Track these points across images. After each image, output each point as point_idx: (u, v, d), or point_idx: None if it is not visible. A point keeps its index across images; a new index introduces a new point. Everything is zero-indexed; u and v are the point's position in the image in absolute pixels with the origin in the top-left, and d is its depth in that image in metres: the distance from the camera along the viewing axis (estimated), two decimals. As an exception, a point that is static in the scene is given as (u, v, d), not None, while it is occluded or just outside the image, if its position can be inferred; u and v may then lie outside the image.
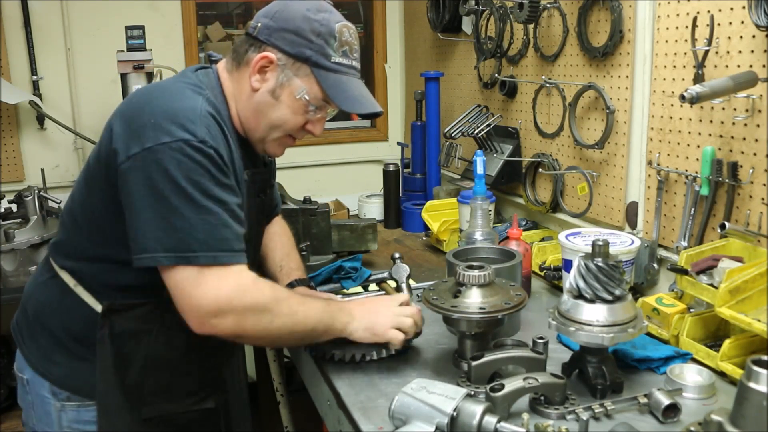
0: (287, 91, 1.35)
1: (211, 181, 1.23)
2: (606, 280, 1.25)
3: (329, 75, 1.35)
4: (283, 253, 1.77)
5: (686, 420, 1.20)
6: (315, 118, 1.41)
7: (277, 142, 1.44)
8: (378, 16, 3.56)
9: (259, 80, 1.35)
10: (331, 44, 1.34)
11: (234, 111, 1.41)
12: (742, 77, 1.43)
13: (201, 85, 1.36)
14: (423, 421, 1.09)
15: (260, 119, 1.39)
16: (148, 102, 1.28)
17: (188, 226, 1.20)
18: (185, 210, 1.20)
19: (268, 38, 1.34)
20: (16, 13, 2.91)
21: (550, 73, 2.20)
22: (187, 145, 1.20)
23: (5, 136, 2.95)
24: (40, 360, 1.40)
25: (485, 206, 1.78)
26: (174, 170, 1.20)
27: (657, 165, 1.76)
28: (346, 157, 3.59)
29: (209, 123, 1.26)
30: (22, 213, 2.52)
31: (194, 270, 1.21)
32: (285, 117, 1.38)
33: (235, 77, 1.40)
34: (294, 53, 1.33)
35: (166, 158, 1.20)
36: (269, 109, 1.37)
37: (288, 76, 1.35)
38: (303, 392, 1.74)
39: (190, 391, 1.45)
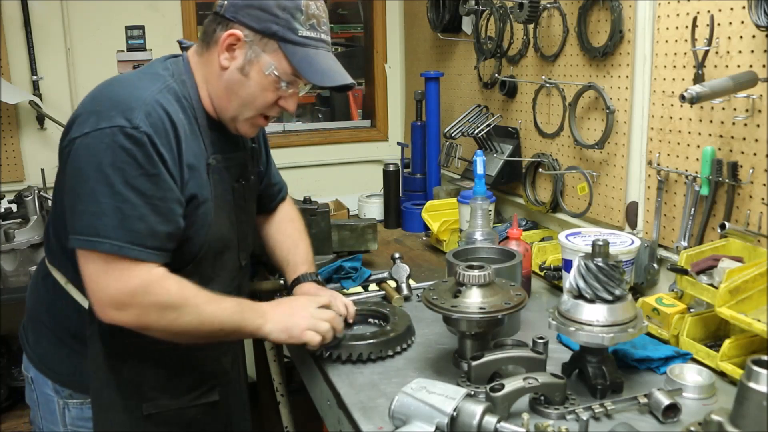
0: (256, 67, 1.34)
1: (136, 169, 1.21)
2: (606, 280, 1.25)
3: (297, 49, 1.33)
4: (290, 245, 1.74)
5: (686, 420, 1.20)
6: (287, 94, 1.39)
7: (249, 121, 1.42)
8: (378, 16, 3.56)
9: (227, 58, 1.34)
10: (297, 18, 1.32)
11: (205, 94, 1.40)
12: (742, 77, 1.43)
13: (164, 74, 1.35)
14: (423, 421, 1.09)
15: (231, 97, 1.37)
16: (102, 91, 1.30)
17: (100, 212, 1.19)
18: (101, 195, 1.20)
19: (234, 15, 1.33)
20: (16, 13, 2.91)
21: (550, 73, 2.20)
22: (120, 132, 1.20)
23: (5, 136, 2.95)
24: (43, 358, 1.41)
25: (485, 206, 1.78)
26: (99, 155, 1.20)
27: (657, 165, 1.76)
28: (346, 157, 3.59)
29: (151, 111, 1.25)
30: (22, 213, 2.52)
31: (101, 258, 1.21)
32: (255, 94, 1.36)
33: (205, 59, 1.39)
34: (260, 29, 1.32)
35: (97, 143, 1.20)
36: (239, 87, 1.36)
37: (256, 52, 1.33)
38: (303, 392, 1.74)
39: (192, 384, 1.45)
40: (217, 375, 1.52)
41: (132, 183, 1.21)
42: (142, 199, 1.22)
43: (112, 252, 1.20)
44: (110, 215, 1.20)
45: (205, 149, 1.38)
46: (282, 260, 1.73)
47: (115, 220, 1.20)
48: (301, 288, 1.65)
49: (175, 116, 1.29)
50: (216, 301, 1.31)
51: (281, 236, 1.76)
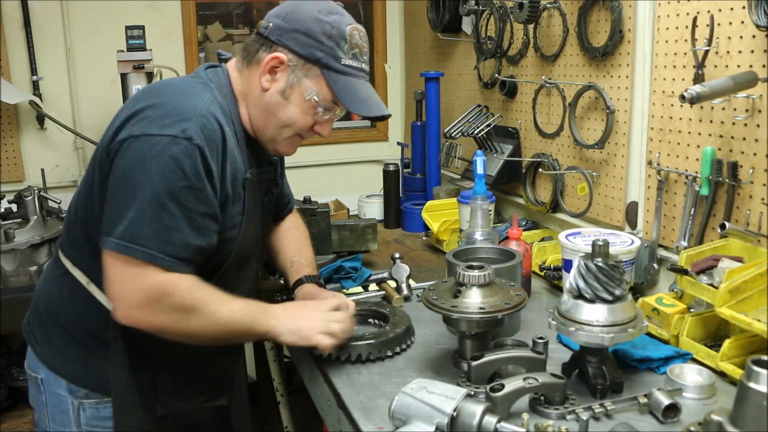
0: (297, 91, 1.36)
1: (181, 181, 1.22)
2: (606, 280, 1.25)
3: (339, 77, 1.36)
4: (295, 249, 1.76)
5: (686, 420, 1.20)
6: (323, 119, 1.41)
7: (288, 141, 1.44)
8: (378, 16, 3.56)
9: (269, 80, 1.36)
10: (341, 46, 1.35)
11: (243, 110, 1.41)
12: (742, 77, 1.43)
13: (210, 84, 1.36)
14: (423, 421, 1.09)
15: (270, 119, 1.39)
16: (155, 96, 1.30)
17: (140, 219, 1.20)
18: (144, 203, 1.20)
19: (279, 39, 1.34)
20: (16, 13, 2.91)
21: (550, 73, 2.20)
22: (172, 141, 1.21)
23: (5, 136, 2.95)
24: (56, 358, 1.40)
25: (485, 206, 1.78)
26: (148, 162, 1.20)
27: (657, 165, 1.76)
28: (346, 157, 3.59)
29: (205, 122, 1.26)
30: (22, 213, 2.52)
31: (130, 262, 1.21)
32: (294, 117, 1.38)
33: (245, 76, 1.40)
34: (305, 54, 1.34)
35: (146, 149, 1.21)
36: (279, 109, 1.37)
37: (298, 77, 1.35)
38: (303, 392, 1.74)
39: (202, 389, 1.46)
40: (224, 381, 1.54)
41: (176, 194, 1.22)
42: (183, 212, 1.23)
43: (145, 260, 1.21)
44: (150, 224, 1.20)
45: (244, 163, 1.39)
46: (286, 261, 1.74)
47: (153, 230, 1.20)
48: (303, 289, 1.66)
49: (225, 128, 1.31)
50: (229, 302, 1.32)
51: (287, 241, 1.78)
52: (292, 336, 1.37)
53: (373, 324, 1.65)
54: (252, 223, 1.44)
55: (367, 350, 1.46)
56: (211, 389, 1.49)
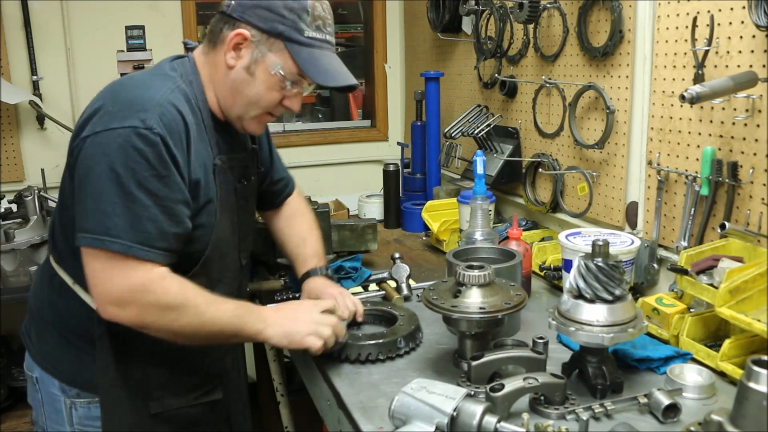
0: (262, 67, 1.35)
1: (147, 170, 1.22)
2: (606, 280, 1.25)
3: (303, 49, 1.35)
4: (298, 240, 1.74)
5: (686, 420, 1.20)
6: (291, 94, 1.40)
7: (256, 119, 1.43)
8: (378, 16, 3.56)
9: (234, 57, 1.36)
10: (304, 19, 1.34)
11: (211, 94, 1.41)
12: (742, 77, 1.43)
13: (173, 74, 1.36)
14: (423, 421, 1.09)
15: (236, 96, 1.38)
16: (114, 92, 1.30)
17: (111, 211, 1.20)
18: (113, 195, 1.20)
19: (241, 15, 1.34)
20: (16, 13, 2.91)
21: (550, 73, 2.20)
22: (133, 132, 1.21)
23: (5, 136, 2.95)
24: (48, 357, 1.41)
25: (485, 206, 1.78)
26: (112, 155, 1.20)
27: (657, 165, 1.76)
28: (346, 157, 3.59)
29: (164, 111, 1.26)
30: (22, 213, 2.52)
31: (107, 256, 1.21)
32: (260, 93, 1.38)
33: (211, 59, 1.40)
34: (267, 29, 1.33)
35: (109, 143, 1.21)
36: (245, 86, 1.37)
37: (262, 52, 1.35)
38: (303, 392, 1.74)
39: (196, 384, 1.46)
40: (219, 375, 1.53)
41: (143, 184, 1.21)
42: (153, 200, 1.22)
43: (121, 251, 1.20)
44: (121, 215, 1.20)
45: (211, 150, 1.39)
46: (292, 254, 1.73)
47: (126, 221, 1.20)
48: (310, 283, 1.65)
49: (187, 117, 1.30)
50: (217, 303, 1.31)
51: (290, 230, 1.76)
52: (283, 339, 1.37)
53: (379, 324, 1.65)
54: (225, 210, 1.42)
55: (366, 350, 1.46)
56: (206, 383, 1.48)
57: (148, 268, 1.24)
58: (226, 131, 1.45)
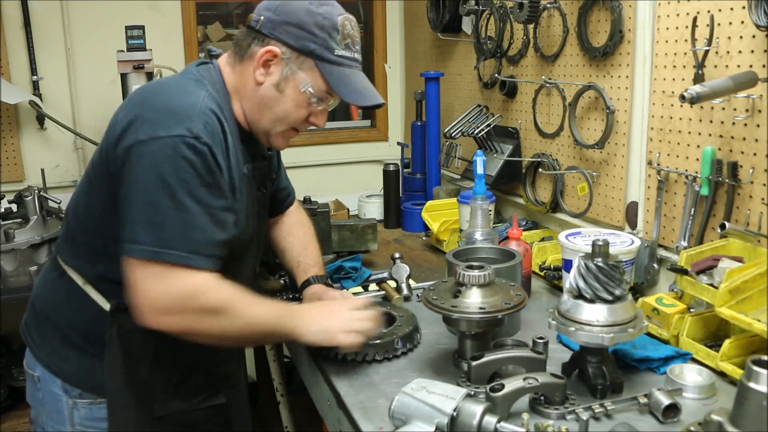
0: (292, 84, 1.36)
1: (196, 179, 1.23)
2: (606, 280, 1.25)
3: (333, 68, 1.36)
4: (300, 248, 1.76)
5: (686, 420, 1.20)
6: (317, 110, 1.42)
7: (282, 134, 1.44)
8: (378, 16, 3.56)
9: (263, 74, 1.36)
10: (334, 37, 1.35)
11: (237, 105, 1.41)
12: (742, 77, 1.43)
13: (203, 81, 1.36)
14: (423, 421, 1.09)
15: (264, 112, 1.39)
16: (151, 97, 1.30)
17: (164, 223, 1.21)
18: (165, 206, 1.21)
19: (271, 32, 1.35)
20: (16, 13, 2.91)
21: (550, 73, 2.20)
22: (181, 142, 1.21)
23: (5, 136, 2.95)
24: (51, 357, 1.41)
25: (485, 206, 1.78)
26: (162, 165, 1.20)
27: (657, 165, 1.76)
28: (346, 157, 3.59)
29: (208, 120, 1.27)
30: (22, 213, 2.52)
31: (160, 267, 1.21)
32: (289, 110, 1.39)
33: (237, 71, 1.40)
34: (298, 47, 1.34)
35: (157, 152, 1.21)
36: (274, 103, 1.38)
37: (292, 69, 1.35)
38: (303, 392, 1.74)
39: (200, 387, 1.46)
40: (224, 378, 1.53)
41: (193, 193, 1.22)
42: (203, 209, 1.24)
43: (177, 263, 1.21)
44: (175, 226, 1.21)
45: (241, 158, 1.40)
46: (292, 262, 1.74)
47: (179, 232, 1.21)
48: (312, 289, 1.66)
49: (225, 125, 1.31)
50: (255, 302, 1.33)
51: (292, 239, 1.77)
52: (318, 336, 1.37)
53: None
54: (248, 219, 1.44)
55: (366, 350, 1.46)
56: (210, 387, 1.48)
57: (201, 276, 1.25)
58: (250, 140, 1.46)
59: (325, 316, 1.40)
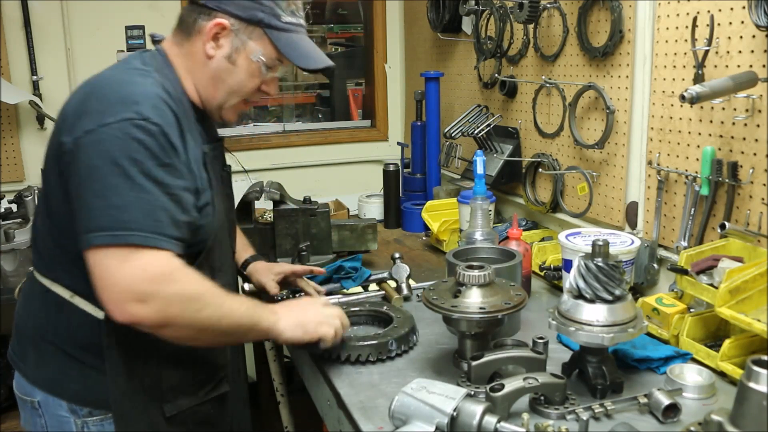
0: (243, 55, 1.36)
1: (151, 159, 1.19)
2: (606, 280, 1.25)
3: (281, 35, 1.37)
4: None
5: (686, 420, 1.20)
6: (268, 79, 1.42)
7: (234, 108, 1.44)
8: (378, 16, 3.56)
9: (213, 47, 1.35)
10: (280, 5, 1.36)
11: (189, 84, 1.40)
12: (742, 77, 1.43)
13: (148, 69, 1.33)
14: (423, 421, 1.09)
15: (218, 86, 1.38)
16: (97, 90, 1.26)
17: (123, 205, 1.16)
18: (122, 189, 1.16)
19: (218, 5, 1.34)
20: (16, 13, 2.91)
21: (550, 73, 2.20)
22: (131, 124, 1.18)
23: (5, 136, 2.95)
24: (53, 380, 1.35)
25: (485, 206, 1.78)
26: (113, 149, 1.17)
27: (657, 165, 1.76)
28: (346, 157, 3.58)
29: (155, 103, 1.24)
30: (22, 213, 2.52)
31: (124, 250, 1.16)
32: (243, 81, 1.38)
33: (186, 49, 1.38)
34: (246, 17, 1.34)
35: (107, 138, 1.18)
36: (227, 75, 1.37)
37: (242, 40, 1.35)
38: (303, 392, 1.74)
39: (205, 379, 1.45)
40: (224, 366, 1.51)
41: (149, 173, 1.19)
42: (162, 189, 1.20)
43: (140, 243, 1.16)
44: (135, 206, 1.17)
45: (199, 139, 1.38)
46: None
47: (140, 212, 1.17)
48: (256, 265, 1.73)
49: (174, 108, 1.29)
50: (231, 296, 1.31)
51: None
52: (297, 330, 1.37)
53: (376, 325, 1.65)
54: (218, 198, 1.42)
55: (367, 351, 1.46)
56: (213, 377, 1.47)
57: (167, 258, 1.20)
58: (206, 121, 1.45)
59: (301, 311, 1.41)
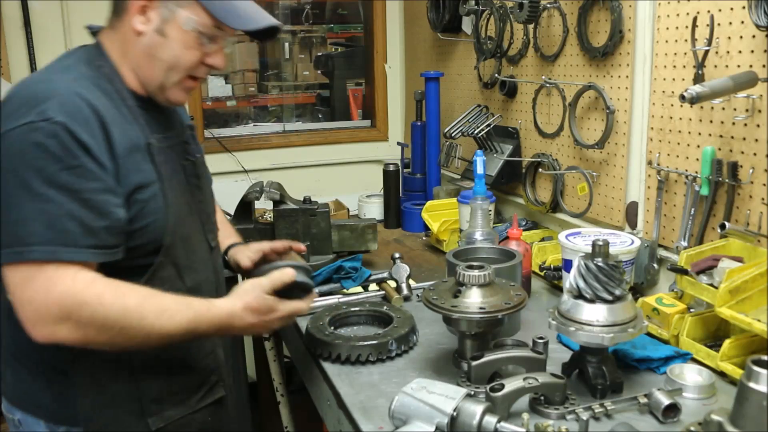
0: (174, 25, 1.25)
1: (55, 164, 1.10)
2: (606, 280, 1.25)
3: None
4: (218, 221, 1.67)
5: (686, 420, 1.20)
6: (212, 50, 1.31)
7: (178, 86, 1.32)
8: (378, 16, 3.56)
9: (142, 22, 1.26)
10: None
11: (127, 71, 1.30)
12: (742, 77, 1.43)
13: (77, 64, 1.26)
14: (423, 421, 1.09)
15: (154, 63, 1.28)
16: (12, 94, 1.20)
17: (22, 219, 1.09)
18: (22, 201, 1.09)
19: None
20: (16, 13, 2.91)
21: (550, 73, 2.20)
22: (29, 129, 1.11)
23: (5, 136, 2.95)
24: (27, 397, 1.29)
25: (485, 206, 1.78)
26: (11, 159, 1.10)
27: (657, 165, 1.76)
28: (346, 157, 3.58)
29: (65, 99, 1.15)
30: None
31: (28, 268, 1.09)
32: (178, 54, 1.27)
33: (119, 33, 1.30)
34: None
35: (7, 146, 1.11)
36: (160, 50, 1.27)
37: (171, 9, 1.25)
38: (303, 392, 1.74)
39: (194, 386, 1.37)
40: (216, 369, 1.44)
41: (53, 180, 1.10)
42: (68, 195, 1.11)
43: (43, 259, 1.09)
44: (35, 219, 1.09)
45: (142, 131, 1.27)
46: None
47: (40, 225, 1.09)
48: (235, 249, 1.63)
49: (96, 102, 1.18)
50: (166, 312, 1.19)
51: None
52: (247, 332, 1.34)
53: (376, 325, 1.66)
54: (176, 191, 1.32)
55: (366, 351, 1.46)
56: (204, 382, 1.39)
57: (74, 272, 1.12)
58: (156, 110, 1.35)
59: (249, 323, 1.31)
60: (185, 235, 1.34)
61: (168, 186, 1.29)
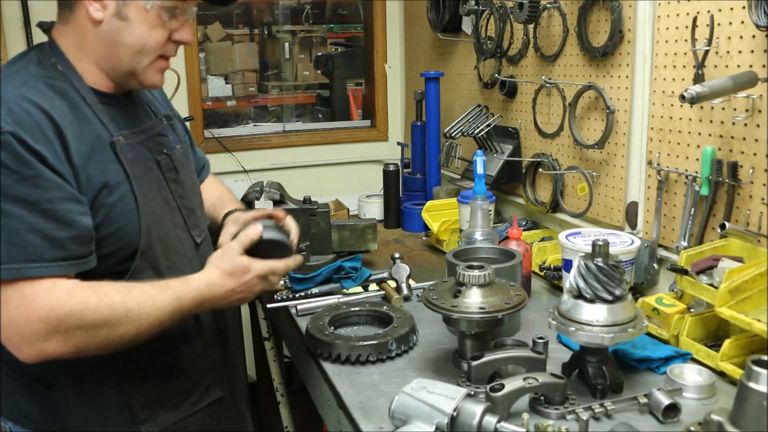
0: (133, 6, 1.19)
1: (9, 177, 1.05)
2: (606, 280, 1.25)
3: None
4: (215, 198, 1.65)
5: (686, 420, 1.20)
6: (177, 26, 1.25)
7: (150, 68, 1.27)
8: (378, 16, 3.56)
9: (98, 9, 1.19)
10: None
11: (85, 65, 1.24)
12: (742, 77, 1.43)
13: (27, 65, 1.21)
14: (423, 421, 1.09)
15: (119, 50, 1.21)
16: None
17: None
18: None
19: None
20: (16, 13, 2.91)
21: (550, 73, 2.20)
22: None
23: (5, 136, 2.95)
24: (16, 408, 1.28)
25: (485, 206, 1.78)
26: None
27: (657, 165, 1.76)
28: (346, 157, 3.58)
29: (12, 107, 1.09)
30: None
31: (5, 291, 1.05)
32: (143, 36, 1.21)
33: (72, 25, 1.24)
34: None
35: None
36: (123, 34, 1.20)
37: None
38: (303, 392, 1.74)
39: (186, 388, 1.34)
40: (209, 370, 1.40)
41: (9, 193, 1.05)
42: (27, 208, 1.06)
43: (9, 278, 1.05)
44: None
45: (105, 129, 1.21)
46: (210, 206, 1.61)
47: (4, 243, 1.04)
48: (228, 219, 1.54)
49: (48, 105, 1.13)
50: (150, 298, 1.16)
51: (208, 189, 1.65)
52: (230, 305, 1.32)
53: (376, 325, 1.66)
54: (150, 189, 1.27)
55: (367, 351, 1.46)
56: (197, 384, 1.35)
57: (52, 285, 1.08)
58: (120, 104, 1.29)
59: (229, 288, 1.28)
60: (163, 235, 1.29)
61: (139, 185, 1.24)
